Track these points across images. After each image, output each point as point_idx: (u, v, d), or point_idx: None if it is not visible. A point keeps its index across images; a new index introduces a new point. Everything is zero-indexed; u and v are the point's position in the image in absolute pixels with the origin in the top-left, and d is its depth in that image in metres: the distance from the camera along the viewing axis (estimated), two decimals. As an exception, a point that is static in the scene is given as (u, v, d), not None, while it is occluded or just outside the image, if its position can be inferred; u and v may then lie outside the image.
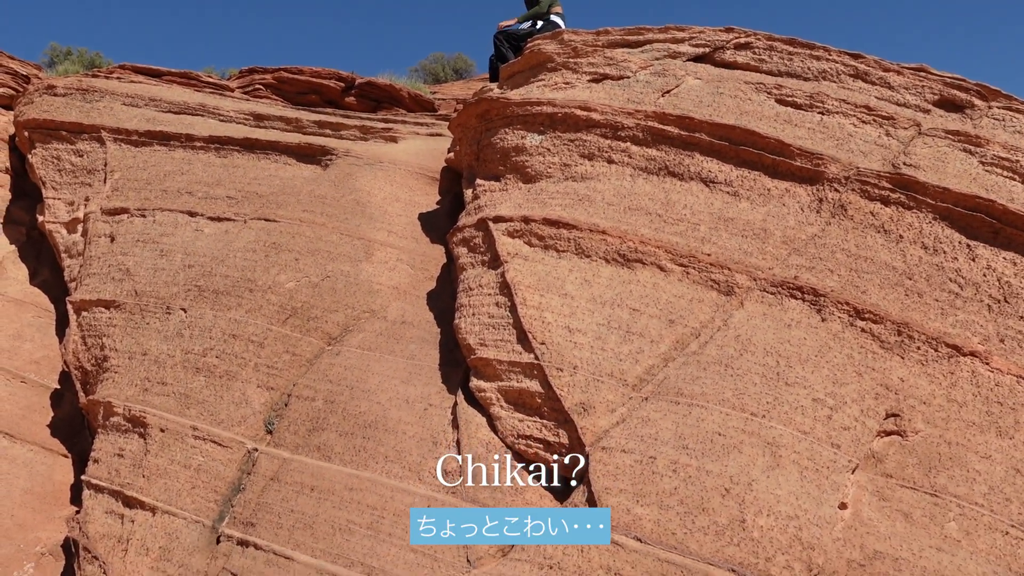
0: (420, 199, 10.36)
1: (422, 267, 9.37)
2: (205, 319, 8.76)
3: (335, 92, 14.14)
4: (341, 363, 8.15)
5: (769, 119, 8.18)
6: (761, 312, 7.05)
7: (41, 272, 11.80)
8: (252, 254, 9.28)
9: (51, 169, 11.73)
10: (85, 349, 9.37)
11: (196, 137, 11.27)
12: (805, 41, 8.97)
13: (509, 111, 9.00)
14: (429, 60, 21.52)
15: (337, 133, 11.77)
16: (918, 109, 8.34)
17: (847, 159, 7.71)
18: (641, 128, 8.31)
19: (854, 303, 6.91)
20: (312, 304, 8.73)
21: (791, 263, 7.25)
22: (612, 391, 6.70)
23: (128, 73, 13.09)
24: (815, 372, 6.57)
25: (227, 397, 8.16)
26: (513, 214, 8.12)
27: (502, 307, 7.55)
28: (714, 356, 6.76)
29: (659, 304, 7.22)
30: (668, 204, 7.90)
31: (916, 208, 7.38)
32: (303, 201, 9.93)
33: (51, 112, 12.01)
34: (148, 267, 9.55)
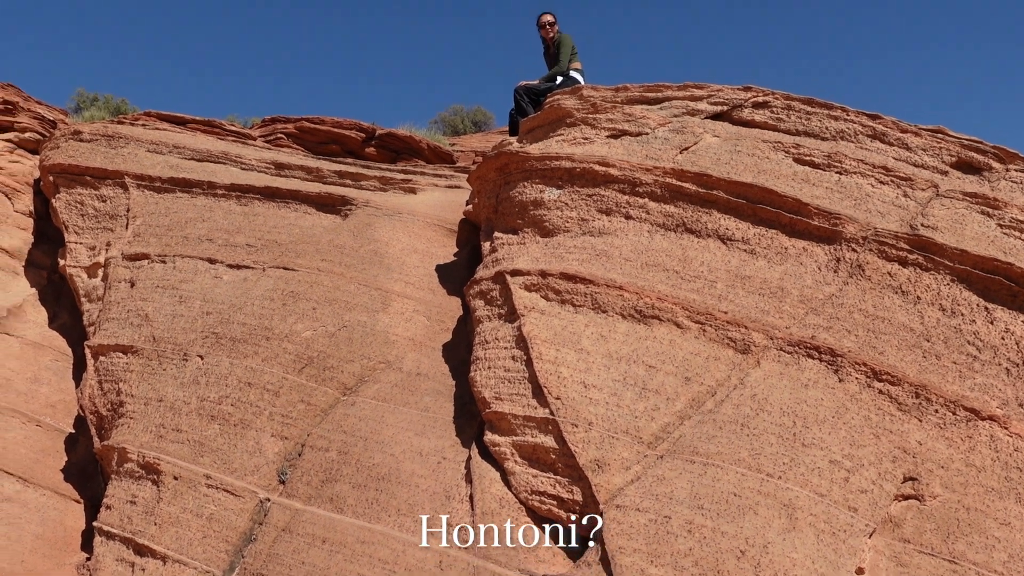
0: (438, 250, 10.40)
1: (438, 319, 9.39)
2: (221, 366, 8.79)
3: (356, 143, 14.26)
4: (356, 414, 8.15)
5: (787, 178, 8.21)
6: (778, 371, 7.03)
7: (60, 316, 11.88)
8: (270, 302, 9.32)
9: (74, 213, 11.85)
10: (101, 394, 9.40)
11: (218, 185, 11.37)
12: (823, 101, 9.03)
13: (528, 165, 9.07)
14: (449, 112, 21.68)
15: (357, 183, 11.87)
16: (936, 171, 8.35)
17: (865, 219, 7.72)
18: (659, 184, 8.36)
19: (872, 364, 6.88)
20: (328, 354, 8.75)
21: (808, 323, 7.24)
22: (627, 448, 6.67)
23: (153, 120, 13.25)
24: (832, 433, 6.53)
25: (241, 446, 8.16)
26: (530, 268, 8.15)
27: (518, 361, 7.55)
28: (730, 415, 6.74)
29: (675, 361, 7.21)
30: (685, 261, 7.92)
31: (934, 270, 7.37)
32: (322, 250, 9.99)
33: (76, 157, 12.15)
34: (167, 313, 9.60)
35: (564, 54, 10.82)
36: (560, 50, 10.84)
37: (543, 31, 11.07)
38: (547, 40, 11.11)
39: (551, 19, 11.05)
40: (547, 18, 11.05)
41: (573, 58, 10.91)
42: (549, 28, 11.02)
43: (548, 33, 11.04)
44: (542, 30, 11.07)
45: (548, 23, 11.04)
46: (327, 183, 11.80)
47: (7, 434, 10.10)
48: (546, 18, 11.05)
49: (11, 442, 10.02)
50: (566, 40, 10.87)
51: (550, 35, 11.04)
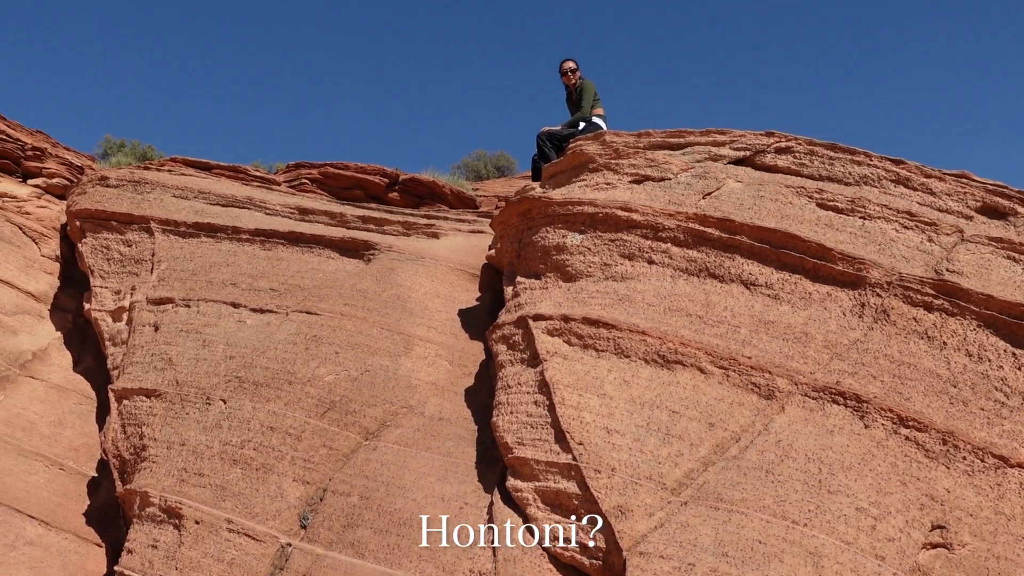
0: (460, 295, 10.42)
1: (461, 363, 9.38)
2: (244, 410, 8.80)
3: (379, 188, 14.37)
4: (378, 458, 8.13)
5: (810, 223, 8.20)
6: (803, 417, 6.97)
7: (85, 359, 11.95)
8: (293, 346, 9.35)
9: (100, 258, 11.96)
10: (124, 438, 9.42)
11: (242, 230, 11.46)
12: (846, 146, 9.04)
13: (551, 210, 9.10)
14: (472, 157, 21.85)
15: (380, 228, 11.93)
16: (960, 215, 8.33)
17: (889, 264, 7.70)
18: (682, 229, 8.36)
19: (898, 410, 6.82)
20: (350, 398, 8.75)
21: (833, 368, 7.19)
22: (651, 495, 6.62)
23: (179, 166, 13.40)
24: (858, 480, 6.46)
25: (263, 490, 8.14)
26: (553, 312, 8.14)
27: (540, 406, 7.52)
28: (755, 461, 6.68)
29: (699, 407, 7.17)
30: (708, 306, 7.90)
31: (960, 315, 7.32)
32: (345, 295, 10.03)
33: (103, 202, 12.28)
34: (190, 357, 9.64)
35: (587, 100, 10.90)
36: (583, 96, 10.93)
37: (565, 78, 11.17)
38: (569, 86, 11.20)
39: (573, 66, 11.15)
40: (569, 65, 11.15)
41: (596, 104, 10.99)
42: (571, 75, 11.12)
43: (570, 80, 11.14)
44: (564, 77, 11.17)
45: (570, 70, 11.13)
46: (350, 228, 11.87)
47: (30, 477, 10.12)
48: (568, 65, 11.15)
49: (34, 485, 10.04)
50: (588, 86, 10.96)
51: (572, 81, 11.14)
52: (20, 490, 9.93)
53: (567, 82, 11.20)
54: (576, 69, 11.16)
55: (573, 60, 11.19)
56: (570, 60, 11.20)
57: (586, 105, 10.88)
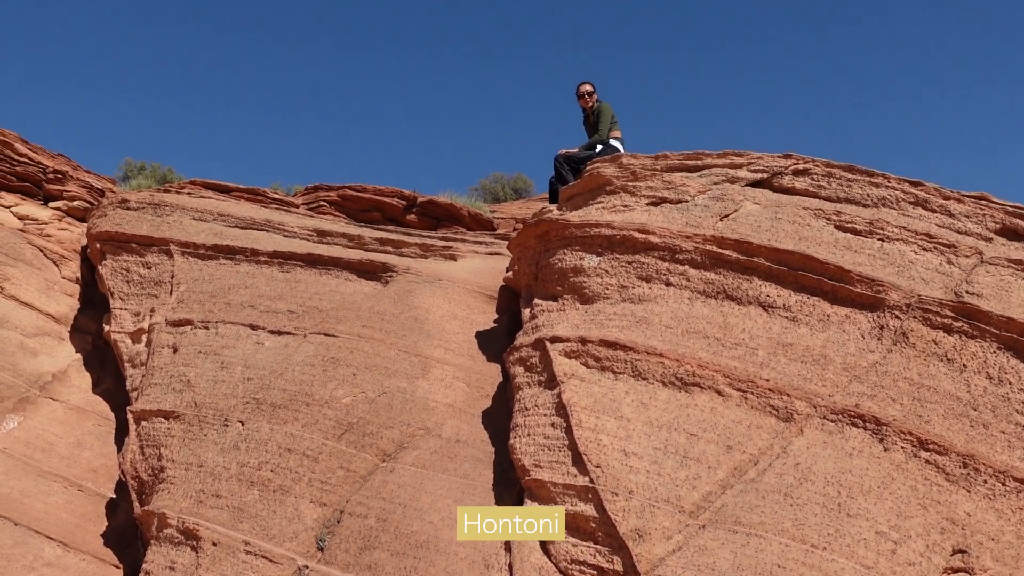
0: (478, 317, 10.43)
1: (478, 385, 9.38)
2: (262, 432, 8.81)
3: (397, 210, 14.42)
4: (395, 480, 8.13)
5: (828, 245, 8.18)
6: (821, 440, 6.93)
7: (104, 381, 12.01)
8: (310, 368, 9.37)
9: (120, 280, 12.03)
10: (143, 459, 9.45)
11: (261, 252, 11.52)
12: (864, 168, 9.03)
13: (568, 232, 9.11)
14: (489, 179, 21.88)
15: (398, 250, 11.97)
16: (980, 237, 8.30)
17: (908, 286, 7.66)
18: (699, 252, 8.35)
19: (917, 433, 6.78)
20: (368, 420, 8.76)
21: (852, 391, 7.15)
22: (668, 518, 6.58)
23: (198, 188, 13.49)
24: (878, 504, 6.41)
25: (280, 512, 8.14)
26: (570, 335, 8.14)
27: (558, 428, 7.51)
28: (773, 484, 6.64)
29: (717, 429, 7.14)
30: (726, 328, 7.88)
31: (980, 337, 7.28)
32: (362, 317, 10.05)
33: (123, 225, 12.38)
34: (208, 379, 9.67)
35: (604, 123, 10.92)
36: (600, 119, 10.95)
37: (582, 100, 11.20)
38: (587, 109, 11.23)
39: (590, 88, 11.18)
40: (586, 88, 11.18)
41: (613, 126, 11.01)
42: (588, 98, 11.15)
43: (587, 103, 11.17)
44: (581, 100, 11.21)
45: (587, 92, 11.16)
46: (368, 250, 11.92)
47: (49, 498, 10.17)
48: (585, 88, 11.18)
49: (53, 506, 10.08)
50: (606, 109, 10.99)
51: (589, 104, 11.17)
52: (39, 511, 9.97)
53: (584, 105, 11.23)
54: (593, 92, 11.19)
55: (590, 83, 11.22)
56: (587, 83, 11.23)
57: (603, 128, 10.89)
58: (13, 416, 11.06)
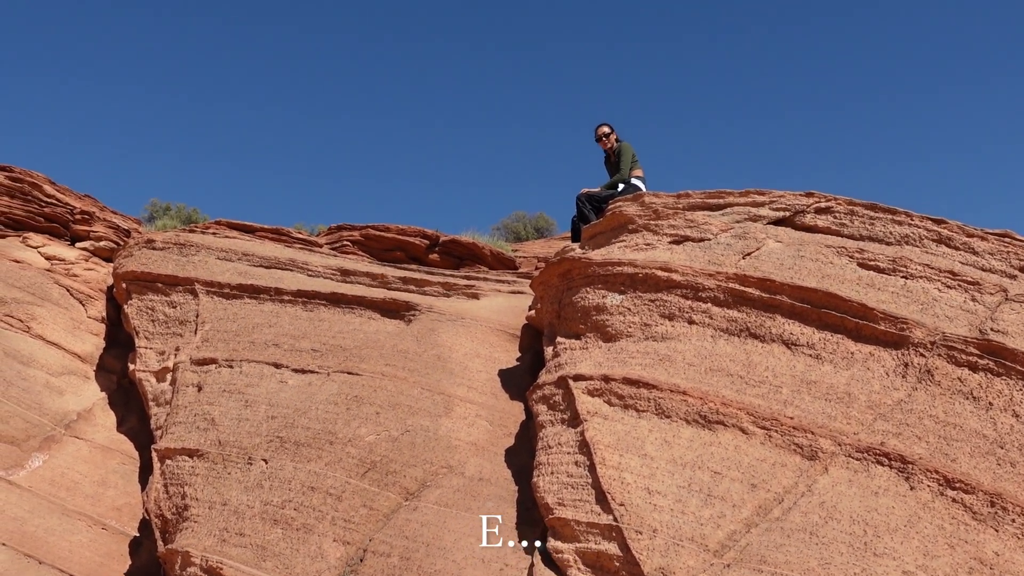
0: (500, 355, 10.45)
1: (501, 424, 9.38)
2: (285, 470, 8.83)
3: (420, 249, 14.50)
4: (418, 519, 8.12)
5: (851, 283, 8.18)
6: (847, 478, 6.89)
7: (129, 419, 12.07)
8: (334, 407, 9.40)
9: (145, 319, 12.13)
10: (167, 497, 9.47)
11: (285, 291, 11.60)
12: (886, 206, 9.03)
13: (590, 271, 9.14)
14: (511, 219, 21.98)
15: (421, 289, 12.03)
16: (1004, 275, 8.27)
17: (932, 324, 7.64)
18: (722, 289, 8.36)
19: (944, 472, 6.72)
20: (391, 458, 8.77)
21: (877, 428, 7.11)
22: (693, 556, 6.54)
23: (223, 228, 13.62)
24: (904, 543, 6.36)
25: (303, 550, 8.14)
26: (593, 373, 8.14)
27: (581, 466, 7.49)
28: (798, 523, 6.60)
29: (741, 467, 7.11)
30: (749, 365, 7.86)
31: (1006, 375, 7.24)
32: (385, 355, 10.09)
33: (149, 265, 12.50)
34: (232, 417, 9.71)
35: (625, 162, 10.99)
36: (621, 158, 11.01)
37: (601, 142, 11.27)
38: (607, 150, 11.30)
39: (607, 130, 11.26)
40: (603, 129, 11.26)
41: (635, 165, 11.06)
42: (606, 139, 11.22)
43: (606, 144, 11.24)
44: (599, 141, 11.28)
45: (604, 135, 11.25)
46: (391, 289, 11.98)
47: (73, 537, 10.20)
48: (602, 130, 11.26)
49: (77, 545, 10.11)
50: (626, 148, 11.05)
51: (608, 145, 11.24)
52: (63, 549, 10.00)
53: (603, 146, 11.30)
54: (611, 132, 11.26)
55: (607, 124, 11.30)
56: (604, 125, 11.30)
57: (624, 167, 10.95)
58: (39, 455, 11.12)
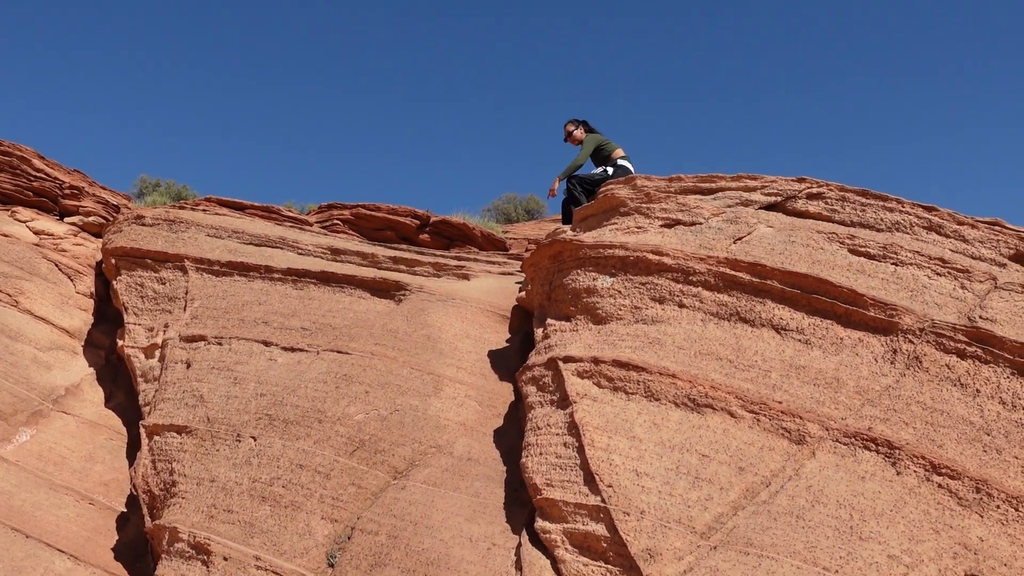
0: (490, 336, 10.46)
1: (490, 404, 9.39)
2: (274, 448, 8.83)
3: (410, 229, 14.48)
4: (406, 498, 8.13)
5: (842, 269, 8.20)
6: (834, 463, 6.92)
7: (116, 395, 12.05)
8: (323, 385, 9.40)
9: (134, 295, 12.09)
10: (155, 473, 9.47)
11: (275, 269, 11.57)
12: (878, 193, 9.04)
13: (581, 253, 9.14)
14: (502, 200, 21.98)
15: (411, 269, 12.02)
16: (993, 263, 8.30)
17: (922, 311, 7.67)
18: (712, 274, 8.37)
19: (930, 457, 6.76)
20: (380, 437, 8.78)
21: (865, 414, 7.15)
22: (680, 538, 6.58)
23: (213, 205, 13.56)
24: (890, 527, 6.40)
25: (291, 528, 8.15)
26: (583, 355, 8.15)
27: (570, 448, 7.51)
28: (785, 506, 6.63)
29: (729, 451, 7.14)
30: (739, 350, 7.89)
31: (993, 362, 7.27)
32: (375, 334, 10.08)
33: (138, 241, 12.45)
34: (221, 394, 9.70)
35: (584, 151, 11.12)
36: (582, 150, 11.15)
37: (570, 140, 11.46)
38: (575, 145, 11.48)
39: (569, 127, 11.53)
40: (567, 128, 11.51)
41: (609, 148, 11.13)
42: (570, 140, 11.46)
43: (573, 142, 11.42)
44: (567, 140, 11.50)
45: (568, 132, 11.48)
46: (382, 268, 11.96)
47: (60, 512, 10.19)
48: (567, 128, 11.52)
49: (64, 520, 10.11)
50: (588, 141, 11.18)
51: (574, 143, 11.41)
52: (50, 524, 9.99)
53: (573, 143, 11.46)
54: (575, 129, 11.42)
55: (571, 122, 11.49)
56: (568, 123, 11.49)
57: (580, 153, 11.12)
58: (26, 429, 11.11)
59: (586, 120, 11.49)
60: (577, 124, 11.44)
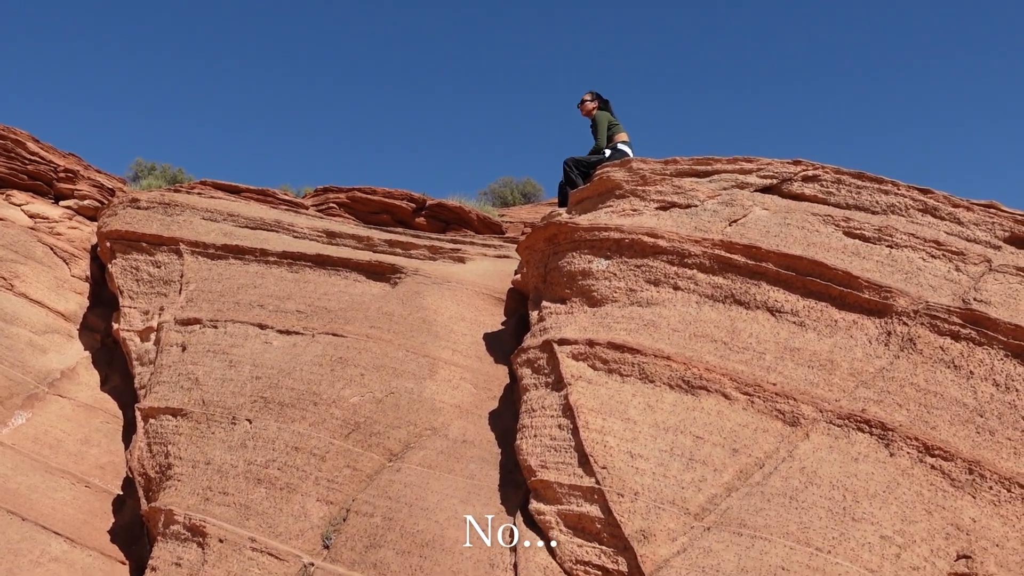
0: (485, 319, 10.46)
1: (485, 387, 9.40)
2: (269, 430, 8.84)
3: (406, 212, 14.45)
4: (401, 480, 8.15)
5: (837, 251, 8.20)
6: (827, 444, 6.94)
7: (112, 379, 12.05)
8: (318, 368, 9.40)
9: (129, 279, 12.08)
10: (150, 456, 9.48)
11: (270, 252, 11.56)
12: (873, 175, 9.04)
13: (577, 235, 9.13)
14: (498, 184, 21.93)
15: (407, 252, 12.00)
16: (988, 245, 8.30)
17: (916, 293, 7.68)
18: (708, 256, 8.37)
19: (923, 439, 6.78)
20: (375, 420, 8.79)
21: (859, 396, 7.16)
22: (673, 519, 6.60)
23: (208, 189, 13.53)
24: (883, 508, 6.42)
25: (287, 510, 8.17)
26: (578, 337, 8.16)
27: (564, 430, 7.53)
28: (779, 488, 6.65)
29: (723, 432, 7.16)
30: (734, 332, 7.89)
31: (987, 344, 7.29)
32: (371, 317, 10.08)
33: (133, 224, 12.43)
34: (217, 377, 9.71)
35: (599, 133, 11.05)
36: (595, 129, 11.05)
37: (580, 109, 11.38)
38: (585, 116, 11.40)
39: (587, 98, 11.39)
40: (584, 96, 11.40)
41: (615, 131, 11.06)
42: (580, 107, 11.35)
43: (582, 111, 11.35)
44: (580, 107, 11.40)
45: (580, 102, 11.37)
46: (377, 251, 11.94)
47: (56, 494, 10.21)
48: (584, 96, 11.39)
49: (60, 502, 10.12)
50: (599, 119, 11.08)
51: (584, 112, 11.34)
52: (46, 507, 10.01)
53: (581, 112, 11.39)
54: (588, 101, 11.33)
55: (589, 92, 11.40)
56: (587, 93, 11.41)
57: (599, 138, 11.00)
58: (22, 412, 11.11)
59: (607, 100, 11.46)
60: (595, 97, 11.41)
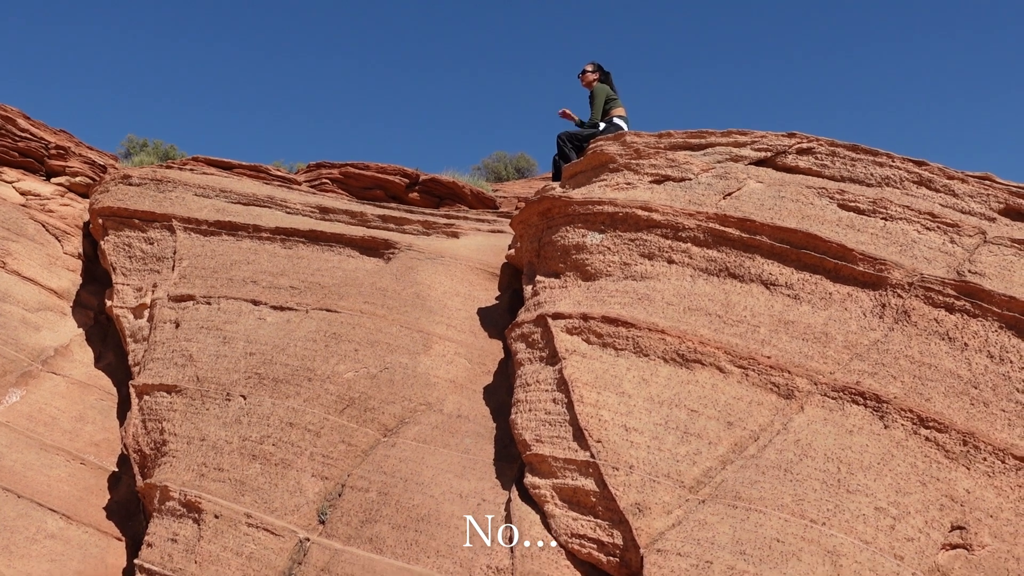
0: (480, 294, 10.44)
1: (479, 361, 9.39)
2: (264, 406, 8.84)
3: (399, 188, 14.41)
4: (396, 455, 8.15)
5: (831, 223, 8.18)
6: (822, 417, 6.95)
7: (106, 356, 12.03)
8: (312, 343, 9.39)
9: (122, 256, 12.04)
10: (145, 433, 9.48)
11: (263, 228, 11.52)
12: (868, 147, 9.00)
13: (571, 210, 9.10)
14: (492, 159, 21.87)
15: (400, 227, 11.97)
16: (983, 217, 8.29)
17: (911, 265, 7.66)
18: (702, 229, 8.35)
19: (918, 411, 6.79)
20: (369, 395, 8.78)
21: (853, 368, 7.16)
22: (668, 492, 6.61)
23: (200, 165, 13.47)
24: (877, 480, 6.44)
25: (282, 485, 8.18)
26: (572, 311, 8.15)
27: (559, 404, 7.53)
28: (773, 460, 6.66)
29: (718, 405, 7.16)
30: (728, 305, 7.88)
31: (982, 316, 7.29)
32: (364, 293, 10.06)
33: (125, 201, 12.37)
34: (210, 354, 9.69)
35: (596, 106, 10.90)
36: (592, 101, 10.94)
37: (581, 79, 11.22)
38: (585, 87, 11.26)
39: (589, 68, 11.20)
40: (586, 67, 11.21)
41: (613, 105, 10.97)
42: (581, 78, 11.17)
43: (583, 82, 11.19)
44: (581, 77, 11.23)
45: (582, 72, 11.19)
46: (371, 227, 11.90)
47: (52, 471, 10.21)
48: (586, 68, 11.21)
49: (55, 479, 10.13)
50: (598, 91, 10.96)
51: (584, 83, 11.19)
52: (42, 484, 10.01)
53: (582, 83, 11.26)
54: (589, 72, 11.18)
55: (591, 63, 11.23)
56: (589, 64, 11.24)
57: (595, 111, 10.88)
58: (16, 390, 11.10)
59: (609, 73, 11.35)
60: (596, 68, 11.29)
